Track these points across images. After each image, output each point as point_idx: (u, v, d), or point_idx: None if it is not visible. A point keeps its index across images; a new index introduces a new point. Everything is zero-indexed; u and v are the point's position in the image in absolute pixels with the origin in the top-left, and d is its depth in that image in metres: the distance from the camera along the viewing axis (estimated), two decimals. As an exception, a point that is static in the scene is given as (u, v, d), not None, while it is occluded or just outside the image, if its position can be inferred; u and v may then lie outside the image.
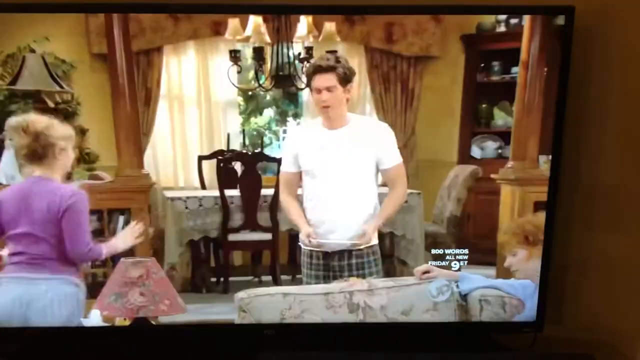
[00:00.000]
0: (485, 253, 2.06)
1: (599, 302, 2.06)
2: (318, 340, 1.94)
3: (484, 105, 2.17)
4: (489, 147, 2.18)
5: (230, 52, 2.02)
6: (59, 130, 1.81)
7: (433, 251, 2.01)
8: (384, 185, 2.03)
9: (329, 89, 1.88)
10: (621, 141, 1.96)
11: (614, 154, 1.98)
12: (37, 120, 1.80)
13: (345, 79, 1.89)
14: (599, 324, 2.06)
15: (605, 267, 2.04)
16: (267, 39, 2.04)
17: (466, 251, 2.00)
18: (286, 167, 2.01)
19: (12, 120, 1.78)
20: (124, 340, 2.02)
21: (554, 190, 1.87)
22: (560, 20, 1.80)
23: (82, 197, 1.84)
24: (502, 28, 2.01)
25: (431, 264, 2.00)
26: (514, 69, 1.99)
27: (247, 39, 2.01)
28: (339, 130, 1.94)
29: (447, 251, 2.00)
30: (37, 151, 1.79)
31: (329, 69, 1.86)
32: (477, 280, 1.99)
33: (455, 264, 2.00)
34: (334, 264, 2.01)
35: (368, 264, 2.02)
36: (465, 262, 1.99)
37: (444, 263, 1.99)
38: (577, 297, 2.07)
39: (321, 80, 1.88)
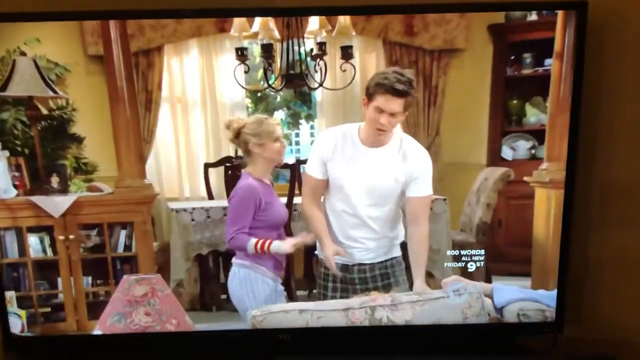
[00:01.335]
0: (518, 263, 2.01)
1: (618, 300, 2.04)
2: (335, 345, 1.94)
3: (514, 102, 2.09)
4: (521, 147, 2.11)
5: (237, 50, 1.97)
6: (251, 126, 1.91)
7: (449, 252, 1.98)
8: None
9: (393, 114, 1.78)
10: (636, 138, 1.95)
11: (630, 152, 1.96)
12: (238, 119, 1.94)
13: (409, 105, 1.80)
14: (619, 322, 2.05)
15: (623, 265, 2.02)
16: (276, 34, 1.97)
17: (482, 252, 1.96)
18: (313, 172, 1.92)
19: (226, 120, 1.98)
20: (137, 347, 1.98)
21: (570, 189, 1.85)
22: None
23: (244, 189, 1.93)
24: (533, 17, 1.93)
25: (446, 265, 1.98)
26: (547, 61, 1.93)
27: (254, 36, 1.96)
28: (376, 149, 1.87)
29: (462, 252, 1.97)
30: (241, 146, 1.95)
31: (403, 94, 1.76)
32: (513, 292, 1.92)
33: (471, 265, 1.97)
34: (354, 276, 1.95)
35: (393, 275, 1.95)
36: (482, 262, 1.96)
37: (460, 265, 1.97)
38: (596, 296, 2.06)
39: (389, 103, 1.76)
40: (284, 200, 2.16)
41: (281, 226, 1.99)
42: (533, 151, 2.09)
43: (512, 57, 2.04)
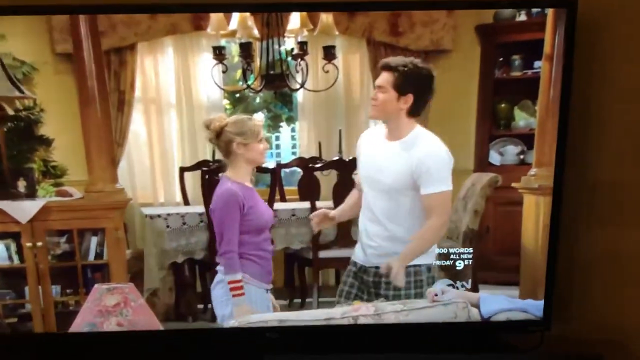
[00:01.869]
0: (506, 271, 2.01)
1: (607, 300, 2.06)
2: (321, 343, 1.94)
3: (503, 105, 2.09)
4: (510, 152, 2.11)
5: (214, 48, 1.96)
6: (236, 125, 1.88)
7: (437, 250, 1.96)
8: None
9: (380, 88, 1.84)
10: (626, 137, 1.95)
11: (620, 150, 1.96)
12: (220, 117, 1.90)
13: (402, 87, 1.82)
14: (607, 322, 2.05)
15: (612, 264, 2.03)
16: (256, 33, 1.96)
17: (470, 250, 1.97)
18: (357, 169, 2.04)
19: (205, 119, 1.93)
20: (124, 345, 1.98)
21: (558, 188, 1.85)
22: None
23: (225, 196, 1.90)
24: (522, 17, 1.93)
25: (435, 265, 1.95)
26: (537, 64, 1.92)
27: (232, 34, 1.94)
28: (393, 143, 1.89)
29: (451, 250, 1.97)
30: (221, 147, 1.91)
31: (389, 69, 1.82)
32: (501, 302, 1.92)
33: (459, 263, 1.96)
34: (369, 279, 1.95)
35: (406, 285, 1.93)
36: (470, 261, 1.96)
37: (447, 263, 1.96)
38: (585, 295, 2.07)
39: (380, 77, 1.84)
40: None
41: (266, 229, 1.98)
42: (522, 156, 2.09)
43: (501, 59, 2.04)
